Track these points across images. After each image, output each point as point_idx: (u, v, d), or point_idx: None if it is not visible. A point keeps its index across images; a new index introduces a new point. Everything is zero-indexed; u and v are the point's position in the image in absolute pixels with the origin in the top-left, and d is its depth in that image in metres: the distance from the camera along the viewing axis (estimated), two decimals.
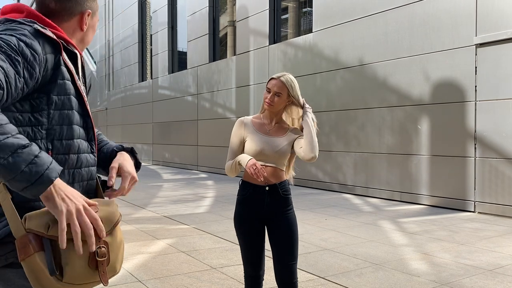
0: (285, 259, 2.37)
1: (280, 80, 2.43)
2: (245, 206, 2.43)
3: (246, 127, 2.47)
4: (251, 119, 2.52)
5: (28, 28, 1.23)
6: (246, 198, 2.42)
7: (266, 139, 2.43)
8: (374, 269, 4.08)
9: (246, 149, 2.44)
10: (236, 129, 2.50)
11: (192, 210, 7.35)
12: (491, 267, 4.15)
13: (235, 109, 13.13)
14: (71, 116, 1.30)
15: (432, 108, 7.75)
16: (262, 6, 11.95)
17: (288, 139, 2.47)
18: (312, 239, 5.20)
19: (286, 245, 2.38)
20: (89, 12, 1.43)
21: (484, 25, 6.95)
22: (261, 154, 2.40)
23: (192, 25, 15.44)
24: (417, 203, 7.90)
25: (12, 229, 1.13)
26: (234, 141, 2.47)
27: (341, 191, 9.39)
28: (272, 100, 2.41)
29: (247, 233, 2.42)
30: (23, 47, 1.16)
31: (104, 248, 1.20)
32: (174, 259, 4.36)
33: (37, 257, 1.10)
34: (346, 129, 9.39)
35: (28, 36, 1.20)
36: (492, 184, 6.90)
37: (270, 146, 2.41)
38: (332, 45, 9.73)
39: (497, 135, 6.81)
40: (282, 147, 2.43)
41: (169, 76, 17.10)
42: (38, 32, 1.23)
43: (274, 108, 2.44)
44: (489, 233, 5.58)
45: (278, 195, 2.40)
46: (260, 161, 2.38)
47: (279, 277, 2.39)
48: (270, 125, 2.49)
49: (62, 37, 1.32)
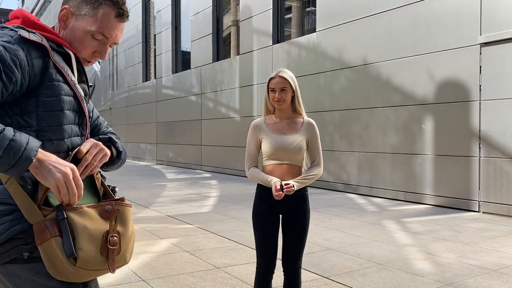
0: (294, 250, 2.53)
1: (280, 76, 2.49)
2: (263, 200, 2.52)
3: (260, 129, 2.55)
4: (264, 120, 2.59)
5: (13, 34, 1.25)
6: (264, 193, 2.50)
7: (281, 138, 2.50)
8: (378, 269, 4.07)
9: (263, 150, 2.53)
10: (251, 133, 2.58)
11: (196, 209, 7.36)
12: (496, 267, 4.14)
13: (238, 109, 13.14)
14: (61, 117, 1.30)
15: (436, 108, 7.73)
16: (266, 5, 11.95)
17: (302, 134, 2.53)
18: (316, 238, 5.20)
19: (297, 240, 2.52)
20: (65, 8, 1.39)
21: (488, 24, 6.92)
22: (277, 153, 2.48)
23: (196, 25, 15.46)
24: (421, 203, 7.88)
25: (28, 217, 1.18)
26: (251, 145, 2.56)
27: (345, 191, 9.38)
28: (280, 96, 2.48)
29: (262, 224, 2.52)
30: (2, 53, 1.18)
31: (116, 237, 1.26)
32: (178, 259, 4.37)
33: (54, 242, 1.16)
34: (350, 128, 9.37)
35: (11, 42, 1.22)
36: (496, 184, 6.87)
37: (285, 144, 2.48)
38: (335, 45, 9.71)
39: (501, 134, 6.78)
40: (297, 144, 2.49)
41: (172, 76, 17.12)
42: (22, 38, 1.25)
43: (285, 104, 2.50)
44: (493, 233, 5.56)
45: (294, 192, 2.42)
46: (277, 160, 2.48)
47: (285, 264, 2.56)
48: (282, 123, 2.55)
49: (53, 39, 1.33)
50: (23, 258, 1.21)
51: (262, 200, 2.52)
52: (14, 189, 1.19)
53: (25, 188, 1.21)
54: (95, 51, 1.42)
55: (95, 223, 1.23)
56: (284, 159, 2.48)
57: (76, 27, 1.38)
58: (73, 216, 1.19)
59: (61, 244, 1.16)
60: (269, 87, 2.52)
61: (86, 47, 1.40)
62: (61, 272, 1.18)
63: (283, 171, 2.48)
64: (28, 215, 1.18)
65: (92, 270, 1.21)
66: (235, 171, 12.92)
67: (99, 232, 1.23)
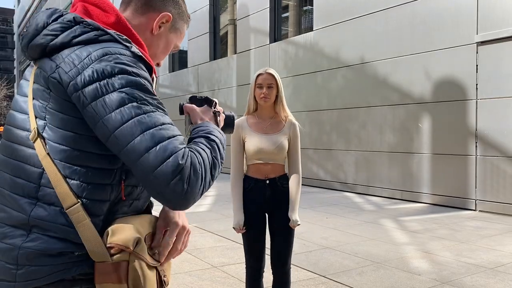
0: (282, 249, 2.54)
1: (268, 73, 2.52)
2: (249, 199, 2.54)
3: (243, 129, 2.55)
4: (246, 120, 2.58)
5: (128, 53, 1.04)
6: (248, 191, 2.55)
7: (264, 137, 2.51)
8: (375, 268, 4.08)
9: (246, 150, 2.53)
10: (233, 133, 2.52)
11: (193, 208, 7.31)
12: (492, 265, 4.15)
13: (236, 108, 13.13)
14: None
15: (433, 107, 7.74)
16: (263, 4, 11.93)
17: (285, 133, 2.55)
18: (313, 237, 5.20)
19: (284, 237, 2.54)
20: (168, 14, 1.20)
21: (485, 23, 6.93)
22: (261, 152, 2.49)
23: (193, 23, 15.39)
24: (418, 202, 7.89)
25: (92, 253, 0.99)
26: (234, 146, 2.57)
27: (342, 190, 9.39)
28: (267, 93, 2.49)
29: (250, 226, 2.53)
30: (140, 81, 1.01)
31: (165, 276, 1.17)
32: (175, 258, 4.36)
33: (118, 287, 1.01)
34: (347, 127, 9.38)
35: (132, 63, 1.02)
36: (493, 183, 6.89)
37: (269, 144, 2.49)
38: (333, 44, 9.71)
39: (498, 133, 6.79)
40: (280, 143, 2.50)
41: (169, 74, 17.10)
42: (138, 57, 1.06)
43: (270, 101, 2.52)
44: (490, 232, 5.58)
45: (278, 188, 2.53)
46: (260, 159, 2.50)
47: (274, 264, 2.57)
48: (265, 123, 2.56)
49: (143, 53, 1.11)
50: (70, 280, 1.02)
51: (247, 201, 2.55)
52: (78, 217, 0.98)
53: (94, 220, 1.01)
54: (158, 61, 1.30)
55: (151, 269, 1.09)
56: (268, 158, 2.51)
57: (169, 38, 1.24)
58: (141, 263, 1.03)
59: None
60: (256, 83, 2.52)
61: (159, 58, 1.26)
62: None
63: (267, 170, 2.53)
64: (91, 250, 0.99)
65: None
66: None
67: (154, 276, 1.09)
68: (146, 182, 0.94)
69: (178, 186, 0.93)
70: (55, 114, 1.01)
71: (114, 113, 0.95)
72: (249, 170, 2.57)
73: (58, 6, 34.67)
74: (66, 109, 1.00)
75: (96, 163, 1.01)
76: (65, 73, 0.99)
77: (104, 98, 0.96)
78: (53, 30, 1.05)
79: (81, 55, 1.00)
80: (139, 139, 0.93)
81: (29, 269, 0.98)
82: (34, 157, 1.01)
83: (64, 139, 1.00)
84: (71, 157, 1.00)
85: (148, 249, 1.07)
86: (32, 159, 1.01)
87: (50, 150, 1.00)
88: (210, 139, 1.08)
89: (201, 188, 0.98)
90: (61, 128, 1.00)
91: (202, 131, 1.11)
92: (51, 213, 0.99)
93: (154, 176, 0.92)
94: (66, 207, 0.98)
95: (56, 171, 0.99)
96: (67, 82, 0.99)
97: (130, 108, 0.95)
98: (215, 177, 1.03)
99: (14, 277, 0.98)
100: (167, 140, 0.95)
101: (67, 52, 1.02)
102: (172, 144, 0.95)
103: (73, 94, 0.98)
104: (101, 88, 0.97)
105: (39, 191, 0.99)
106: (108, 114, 0.95)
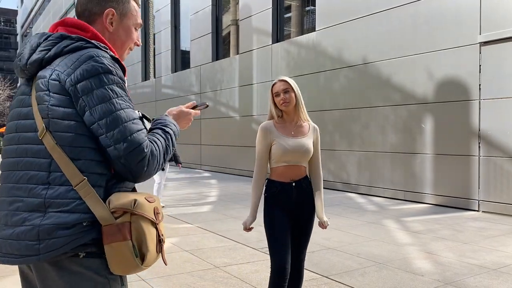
0: (302, 240, 2.66)
1: (281, 80, 2.61)
2: (275, 202, 2.58)
3: (271, 133, 2.59)
4: (273, 124, 2.63)
5: (108, 56, 1.29)
6: (275, 195, 2.58)
7: (292, 141, 2.57)
8: (377, 268, 4.07)
9: (273, 153, 2.57)
10: (261, 137, 2.60)
11: (195, 209, 7.36)
12: (496, 266, 4.13)
13: (238, 108, 13.13)
14: None
15: (436, 107, 7.72)
16: (265, 4, 11.93)
17: (310, 137, 2.64)
18: (316, 238, 5.19)
19: (306, 230, 2.66)
20: (111, 10, 1.40)
21: (488, 23, 6.91)
22: (288, 155, 2.56)
23: (195, 24, 15.44)
24: (421, 202, 7.88)
25: (100, 218, 1.22)
26: (261, 149, 2.60)
27: (345, 190, 9.37)
28: (285, 98, 2.56)
29: (278, 227, 2.56)
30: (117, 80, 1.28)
31: (163, 235, 1.36)
32: (178, 258, 4.36)
33: (125, 245, 1.22)
34: (350, 127, 9.37)
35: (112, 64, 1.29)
36: (496, 183, 6.87)
37: (296, 147, 2.57)
38: (335, 44, 9.70)
39: (501, 133, 6.77)
40: (308, 147, 2.59)
41: (172, 75, 17.11)
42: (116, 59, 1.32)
43: (290, 105, 2.59)
44: (493, 232, 5.56)
45: (302, 189, 2.61)
46: (286, 162, 2.57)
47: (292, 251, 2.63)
48: (291, 127, 2.63)
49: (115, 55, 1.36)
50: (78, 257, 1.24)
51: (273, 205, 2.58)
52: (86, 191, 1.21)
53: (98, 190, 1.24)
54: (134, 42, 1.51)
55: (152, 226, 1.31)
56: (295, 161, 2.58)
57: (124, 25, 1.44)
58: (141, 223, 1.26)
59: (131, 247, 1.23)
60: (273, 94, 2.61)
61: (129, 43, 1.48)
62: (124, 269, 1.25)
63: (292, 173, 2.59)
64: (100, 216, 1.22)
65: (147, 266, 1.29)
66: (235, 170, 12.91)
67: (154, 234, 1.31)
68: (118, 163, 1.23)
69: (141, 168, 1.24)
70: (57, 109, 1.23)
71: (100, 106, 1.22)
72: (273, 174, 2.62)
73: (60, 7, 34.82)
74: (65, 103, 1.23)
75: (94, 144, 1.25)
76: (61, 73, 1.24)
77: (93, 93, 1.22)
78: (45, 46, 1.30)
79: (72, 59, 1.26)
80: (118, 129, 1.22)
81: (49, 242, 1.19)
82: (43, 151, 1.24)
83: (68, 128, 1.23)
84: (75, 141, 1.23)
85: None
86: (41, 153, 1.24)
87: (57, 139, 1.22)
88: (165, 131, 1.39)
89: (156, 168, 1.30)
90: (64, 119, 1.23)
91: (160, 123, 1.43)
92: (62, 192, 1.22)
93: (125, 159, 1.22)
94: (74, 184, 1.21)
95: (64, 155, 1.22)
96: (64, 80, 1.23)
97: (112, 103, 1.23)
98: (166, 160, 1.35)
99: (38, 250, 1.20)
100: (136, 133, 1.24)
101: (60, 59, 1.28)
102: (140, 136, 1.25)
103: (69, 88, 1.23)
104: (90, 84, 1.23)
105: (49, 176, 1.22)
106: (95, 106, 1.22)
